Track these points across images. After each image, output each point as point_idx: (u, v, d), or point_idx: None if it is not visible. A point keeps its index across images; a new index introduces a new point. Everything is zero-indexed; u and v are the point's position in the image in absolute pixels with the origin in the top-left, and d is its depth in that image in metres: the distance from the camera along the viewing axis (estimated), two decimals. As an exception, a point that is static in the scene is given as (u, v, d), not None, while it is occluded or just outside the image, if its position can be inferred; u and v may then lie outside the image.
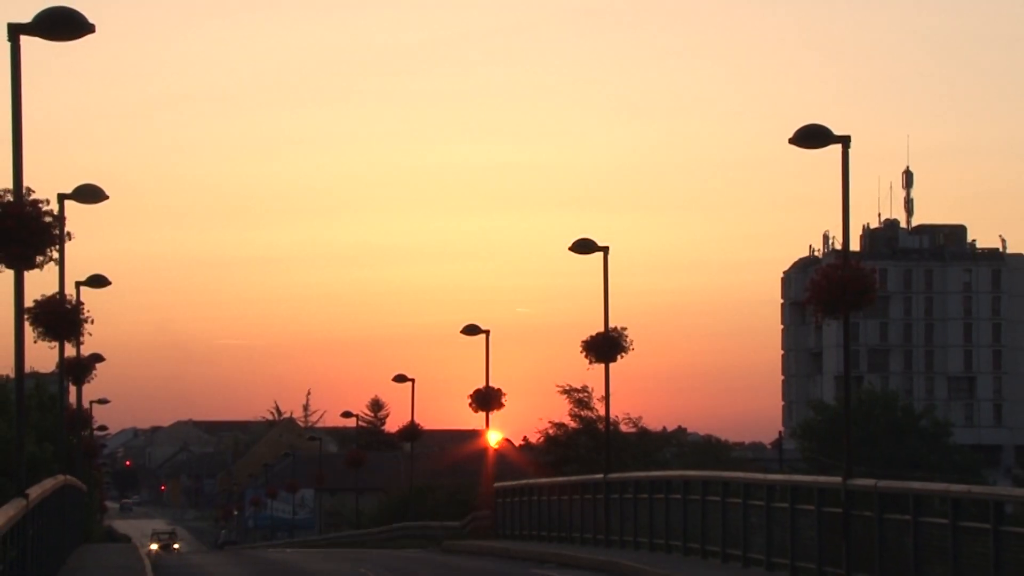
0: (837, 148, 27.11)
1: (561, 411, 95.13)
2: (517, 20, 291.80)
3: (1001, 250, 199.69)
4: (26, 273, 20.80)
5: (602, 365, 40.61)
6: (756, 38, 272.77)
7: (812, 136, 27.05)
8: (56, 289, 32.81)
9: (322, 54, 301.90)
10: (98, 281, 39.84)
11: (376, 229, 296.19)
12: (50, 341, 32.36)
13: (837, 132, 26.98)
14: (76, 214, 31.77)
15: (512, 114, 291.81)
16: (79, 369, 44.00)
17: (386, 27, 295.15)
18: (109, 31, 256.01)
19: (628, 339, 40.43)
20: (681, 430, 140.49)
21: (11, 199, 20.41)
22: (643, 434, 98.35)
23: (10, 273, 20.70)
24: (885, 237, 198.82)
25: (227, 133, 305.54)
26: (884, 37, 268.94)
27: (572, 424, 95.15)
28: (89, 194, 31.95)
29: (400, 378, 69.62)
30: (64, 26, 20.90)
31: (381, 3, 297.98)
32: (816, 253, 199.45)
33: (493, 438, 58.89)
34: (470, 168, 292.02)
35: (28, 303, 29.73)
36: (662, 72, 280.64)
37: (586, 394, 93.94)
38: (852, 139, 26.99)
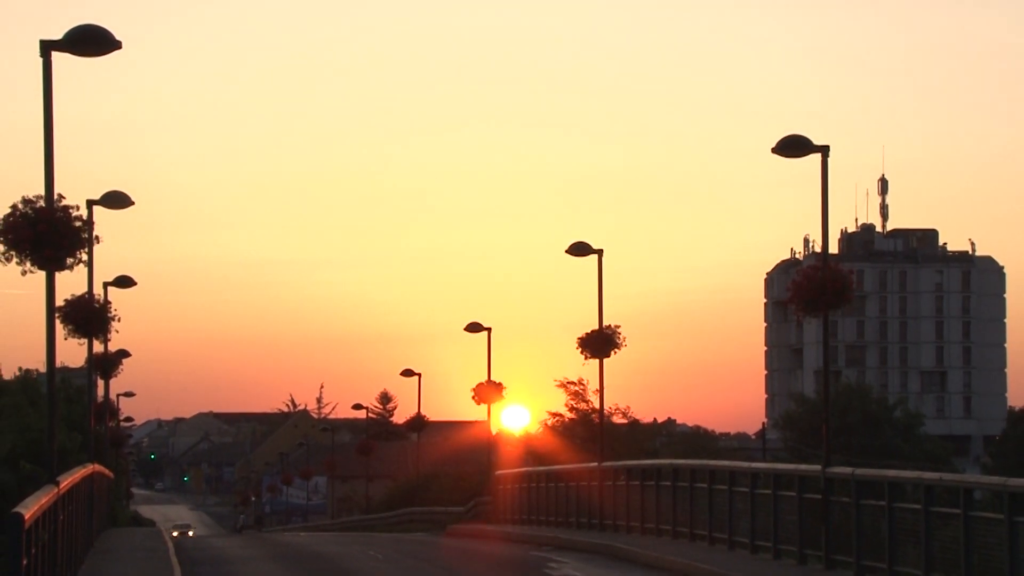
0: (817, 157, 27.11)
1: (558, 404, 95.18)
2: (520, 39, 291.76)
3: (970, 252, 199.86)
4: (57, 274, 20.79)
5: (597, 360, 40.60)
6: (742, 55, 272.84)
7: (793, 146, 27.05)
8: (85, 289, 32.83)
9: (336, 63, 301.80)
10: (124, 282, 39.83)
11: (385, 233, 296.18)
12: (79, 338, 32.35)
13: (817, 142, 26.99)
14: (104, 219, 31.79)
15: (515, 128, 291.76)
16: (107, 364, 43.97)
17: (394, 36, 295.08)
18: (133, 43, 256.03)
19: (621, 336, 40.43)
20: (671, 421, 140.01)
21: (43, 205, 20.40)
22: (635, 425, 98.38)
23: (42, 274, 20.68)
24: (862, 240, 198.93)
25: (241, 141, 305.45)
26: (863, 53, 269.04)
27: (569, 416, 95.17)
28: (116, 200, 31.98)
29: (407, 372, 69.71)
30: (92, 43, 20.87)
31: (391, 10, 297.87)
32: (797, 256, 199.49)
33: (494, 428, 58.95)
34: (473, 177, 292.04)
35: (59, 302, 29.73)
36: (653, 86, 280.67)
37: (582, 387, 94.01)
38: (831, 149, 27.00)
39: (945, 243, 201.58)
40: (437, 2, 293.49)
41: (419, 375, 69.88)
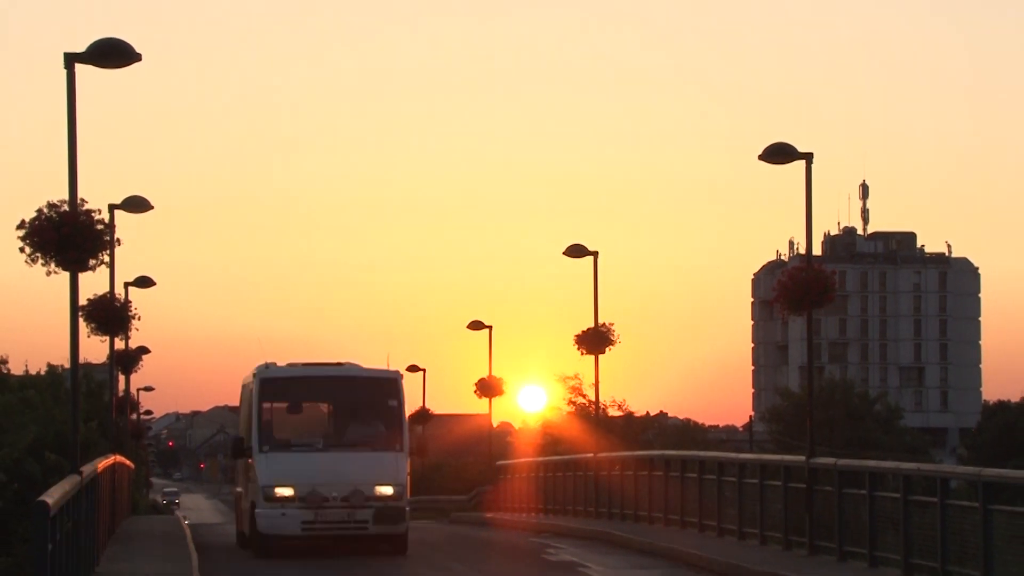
0: (801, 164, 27.08)
1: (555, 398, 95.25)
2: (518, 48, 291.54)
3: (947, 254, 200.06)
4: (80, 275, 20.79)
5: (592, 356, 40.61)
6: (731, 65, 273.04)
7: (779, 153, 27.02)
8: (107, 289, 32.82)
9: (345, 73, 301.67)
10: (144, 282, 39.81)
11: (391, 236, 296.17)
12: (101, 335, 32.41)
13: (801, 149, 26.97)
14: (125, 222, 31.77)
15: (514, 135, 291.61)
16: (127, 360, 44.03)
17: (399, 46, 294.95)
18: (153, 55, 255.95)
19: (615, 333, 40.43)
20: (663, 414, 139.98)
21: (67, 209, 20.41)
22: (629, 417, 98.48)
23: (66, 275, 20.69)
24: (844, 243, 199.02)
25: (253, 148, 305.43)
26: (847, 63, 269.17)
27: (565, 409, 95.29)
28: (136, 204, 31.96)
29: (412, 368, 69.62)
30: (114, 55, 20.86)
31: (396, 21, 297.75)
32: (782, 257, 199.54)
33: (495, 420, 58.95)
34: (475, 183, 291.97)
35: (82, 302, 29.73)
36: (646, 96, 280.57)
37: (577, 382, 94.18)
38: (814, 155, 27.00)
39: (923, 245, 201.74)
40: (438, 11, 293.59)
41: (424, 371, 69.86)
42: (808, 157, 26.97)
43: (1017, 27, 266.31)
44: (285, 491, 29.41)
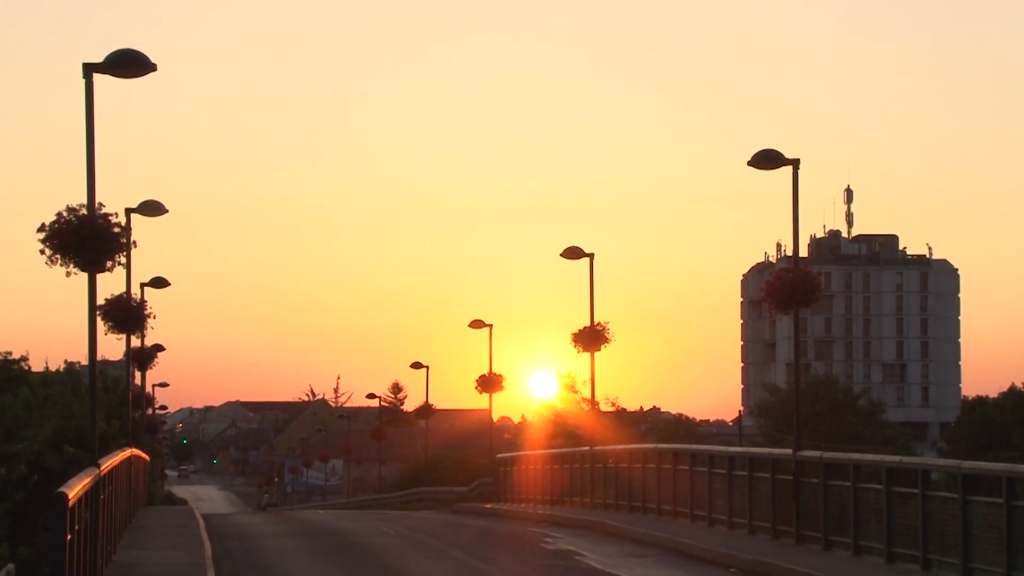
0: (788, 169, 27.08)
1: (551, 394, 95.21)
2: (518, 65, 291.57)
3: (928, 256, 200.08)
4: (98, 275, 20.78)
5: (588, 353, 40.60)
6: (721, 74, 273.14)
7: (767, 159, 27.02)
8: (124, 289, 32.81)
9: (355, 85, 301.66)
10: (159, 282, 39.78)
11: (395, 238, 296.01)
12: (118, 334, 32.40)
13: (788, 156, 26.97)
14: (141, 225, 31.75)
15: (517, 145, 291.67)
16: (143, 357, 43.96)
17: (404, 60, 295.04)
18: (169, 62, 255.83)
19: (610, 332, 40.43)
20: (656, 409, 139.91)
21: (86, 213, 20.40)
22: (622, 412, 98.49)
23: (85, 276, 20.69)
24: (829, 245, 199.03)
25: (262, 156, 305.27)
26: (834, 70, 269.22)
27: (562, 405, 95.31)
28: (152, 208, 31.95)
29: (416, 365, 69.65)
30: (130, 65, 20.85)
31: (404, 36, 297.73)
32: (770, 259, 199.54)
33: (495, 415, 58.93)
34: (477, 189, 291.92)
35: (100, 301, 29.72)
36: (641, 106, 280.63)
37: (570, 380, 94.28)
38: (801, 161, 27.00)
39: (905, 247, 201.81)
40: (442, 26, 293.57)
41: (427, 367, 69.88)
42: (795, 163, 26.98)
43: (999, 33, 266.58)
44: None
